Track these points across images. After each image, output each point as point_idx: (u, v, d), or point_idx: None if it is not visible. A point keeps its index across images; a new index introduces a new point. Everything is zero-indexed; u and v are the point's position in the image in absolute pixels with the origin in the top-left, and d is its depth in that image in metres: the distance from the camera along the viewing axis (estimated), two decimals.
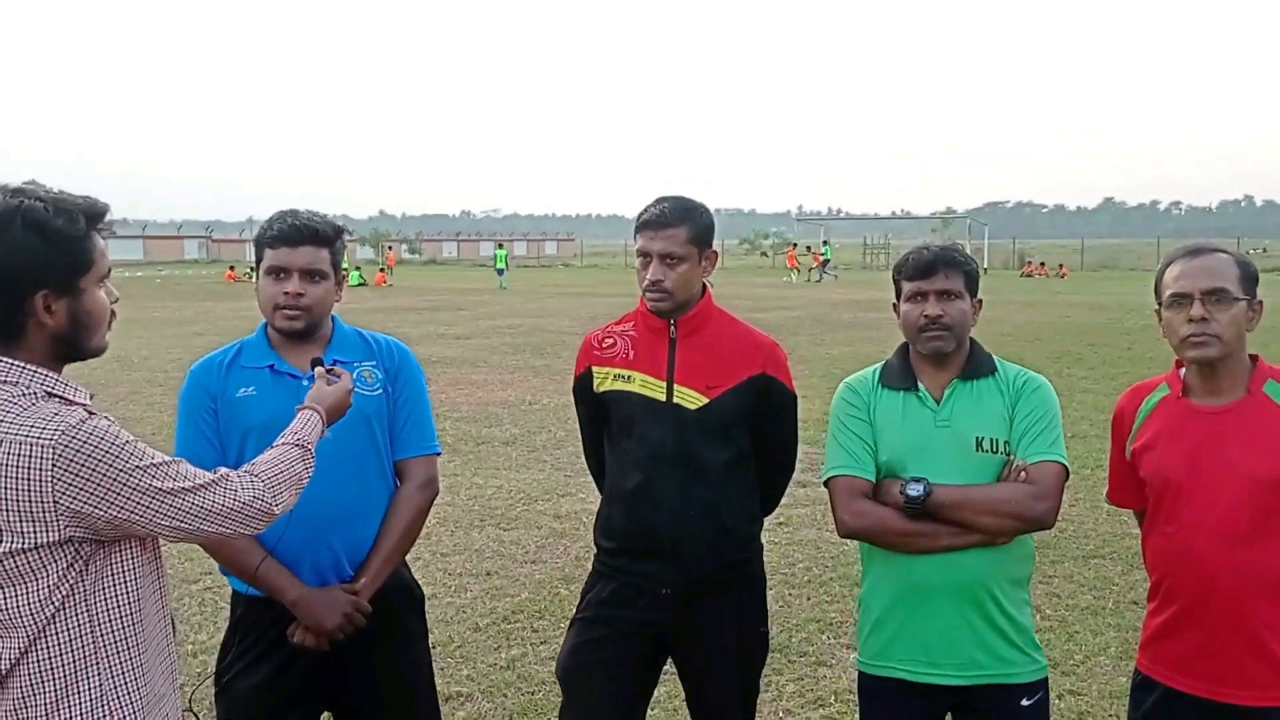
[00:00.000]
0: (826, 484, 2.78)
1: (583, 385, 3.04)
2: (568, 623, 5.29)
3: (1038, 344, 17.61)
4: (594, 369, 3.00)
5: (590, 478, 3.29)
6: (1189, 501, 2.50)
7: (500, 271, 42.31)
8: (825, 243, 52.49)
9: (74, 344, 1.96)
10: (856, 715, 4.28)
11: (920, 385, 2.73)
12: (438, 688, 3.09)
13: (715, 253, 2.98)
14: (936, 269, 2.69)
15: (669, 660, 3.05)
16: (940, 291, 2.68)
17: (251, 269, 41.86)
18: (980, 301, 2.79)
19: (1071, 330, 20.07)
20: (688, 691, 3.09)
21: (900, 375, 2.77)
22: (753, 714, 3.11)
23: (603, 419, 3.02)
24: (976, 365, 2.74)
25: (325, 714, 2.92)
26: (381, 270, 45.73)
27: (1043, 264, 52.59)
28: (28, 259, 1.85)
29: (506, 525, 7.14)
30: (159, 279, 41.72)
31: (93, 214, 1.94)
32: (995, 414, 2.67)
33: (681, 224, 2.85)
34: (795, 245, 51.21)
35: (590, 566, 3.12)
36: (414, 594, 2.97)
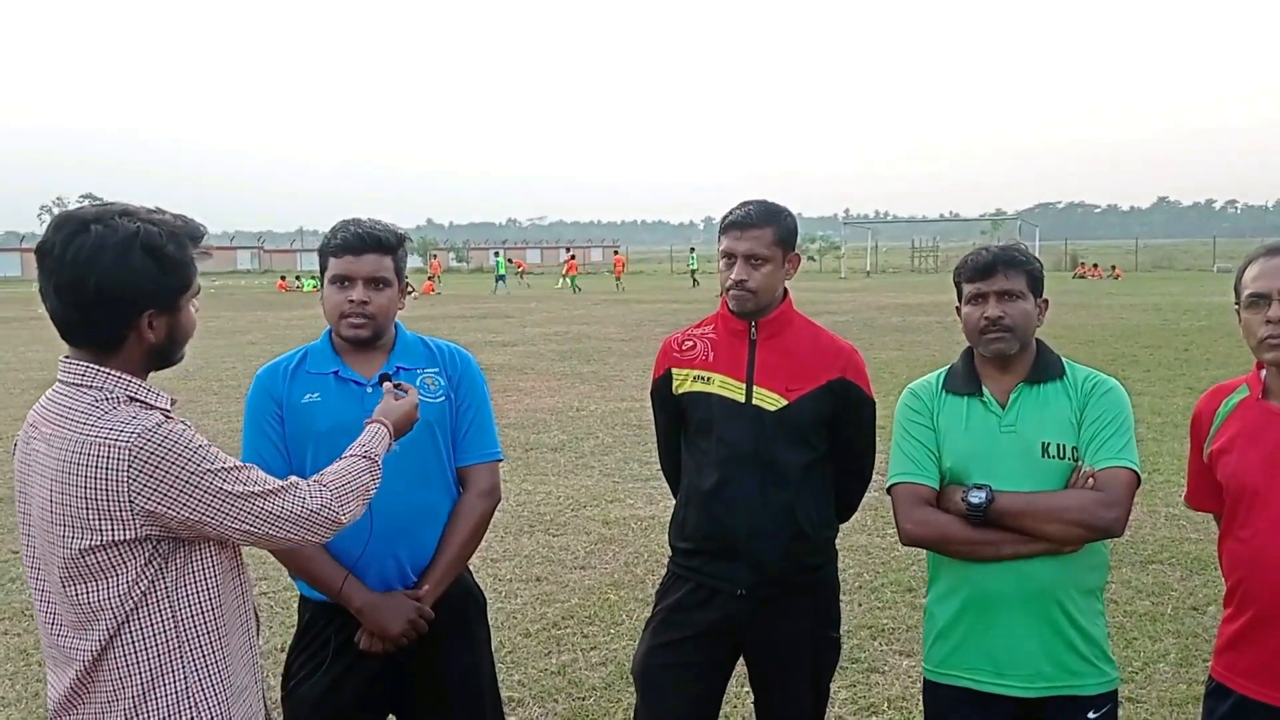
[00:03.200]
0: (889, 491, 2.74)
1: (662, 387, 3.06)
2: (618, 628, 5.30)
3: (1091, 346, 17.34)
4: (674, 371, 3.01)
5: (638, 484, 3.30)
6: (1266, 506, 2.43)
7: (500, 278, 43.14)
8: (691, 250, 52.04)
9: (165, 355, 2.06)
10: None
11: (985, 390, 2.68)
12: (500, 701, 3.09)
13: (798, 256, 2.99)
14: (995, 270, 2.65)
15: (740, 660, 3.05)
16: (1000, 292, 2.64)
17: (298, 277, 42.43)
18: (1046, 301, 2.74)
19: (1126, 332, 19.74)
20: (757, 694, 3.09)
21: (964, 380, 2.72)
22: (822, 718, 3.09)
23: (680, 422, 3.04)
24: (1043, 368, 2.68)
25: (390, 718, 2.94)
26: (430, 279, 46.14)
27: (1095, 265, 51.83)
28: (143, 283, 1.94)
29: (555, 531, 7.16)
30: (213, 289, 42.47)
31: (195, 237, 2.04)
32: (1062, 419, 2.61)
33: (768, 225, 2.87)
34: (573, 254, 50.75)
35: (639, 571, 3.12)
36: (477, 598, 2.99)
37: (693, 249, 54.04)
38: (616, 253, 52.11)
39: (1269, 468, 2.43)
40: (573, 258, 48.58)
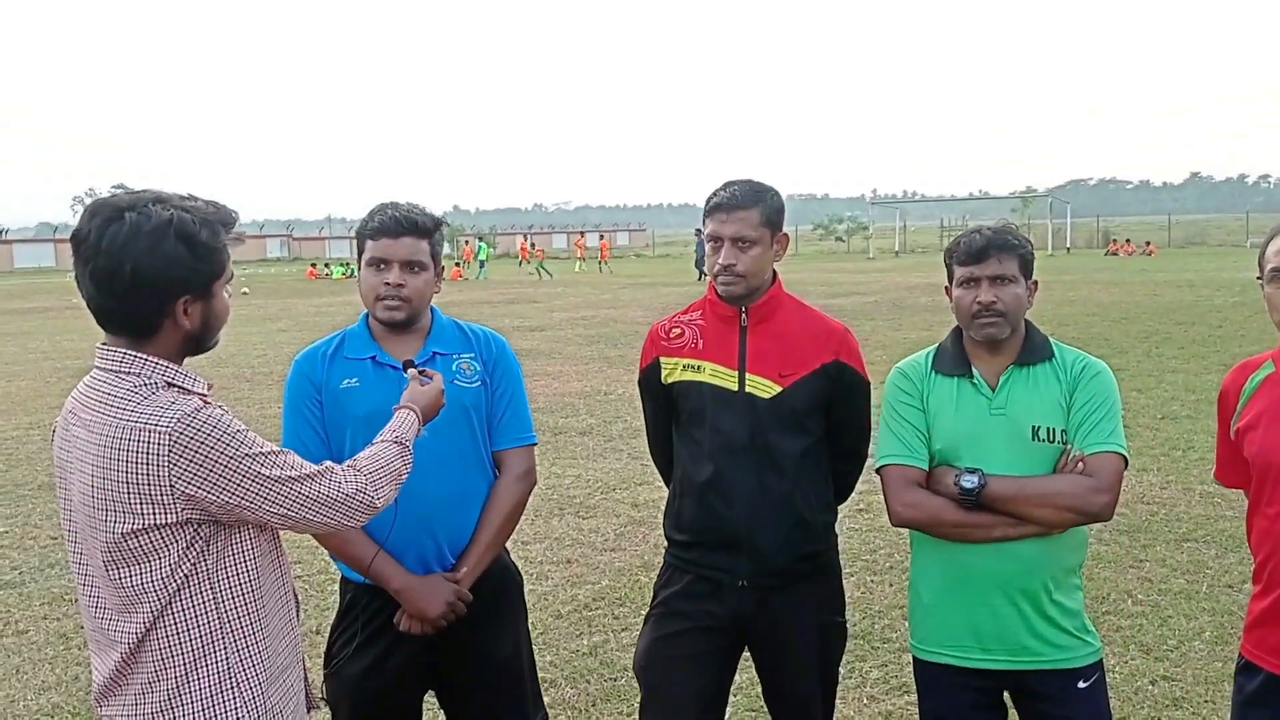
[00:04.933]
0: (878, 472, 2.74)
1: (650, 376, 3.00)
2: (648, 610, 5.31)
3: (1125, 324, 17.18)
4: (662, 360, 2.95)
5: None
6: None
7: (481, 264, 43.42)
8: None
9: (200, 341, 2.08)
10: None
11: (975, 371, 2.68)
12: (538, 680, 3.11)
13: (786, 236, 2.92)
14: (989, 253, 2.63)
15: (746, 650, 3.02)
16: (993, 277, 2.62)
17: (327, 265, 42.62)
18: (1036, 284, 2.72)
19: (1159, 309, 19.52)
20: (765, 685, 3.04)
21: (954, 361, 2.71)
22: (832, 706, 3.07)
23: (671, 411, 2.98)
24: (1033, 350, 2.68)
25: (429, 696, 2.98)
26: (458, 265, 46.27)
27: (1128, 241, 51.24)
28: (177, 270, 1.96)
29: (585, 514, 7.19)
30: (243, 277, 42.79)
31: (227, 223, 2.06)
32: (1052, 402, 2.62)
33: (754, 206, 2.80)
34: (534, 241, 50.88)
35: None
36: (514, 578, 3.01)
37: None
38: (602, 238, 52.21)
39: None
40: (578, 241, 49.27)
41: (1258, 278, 2.52)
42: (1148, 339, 14.95)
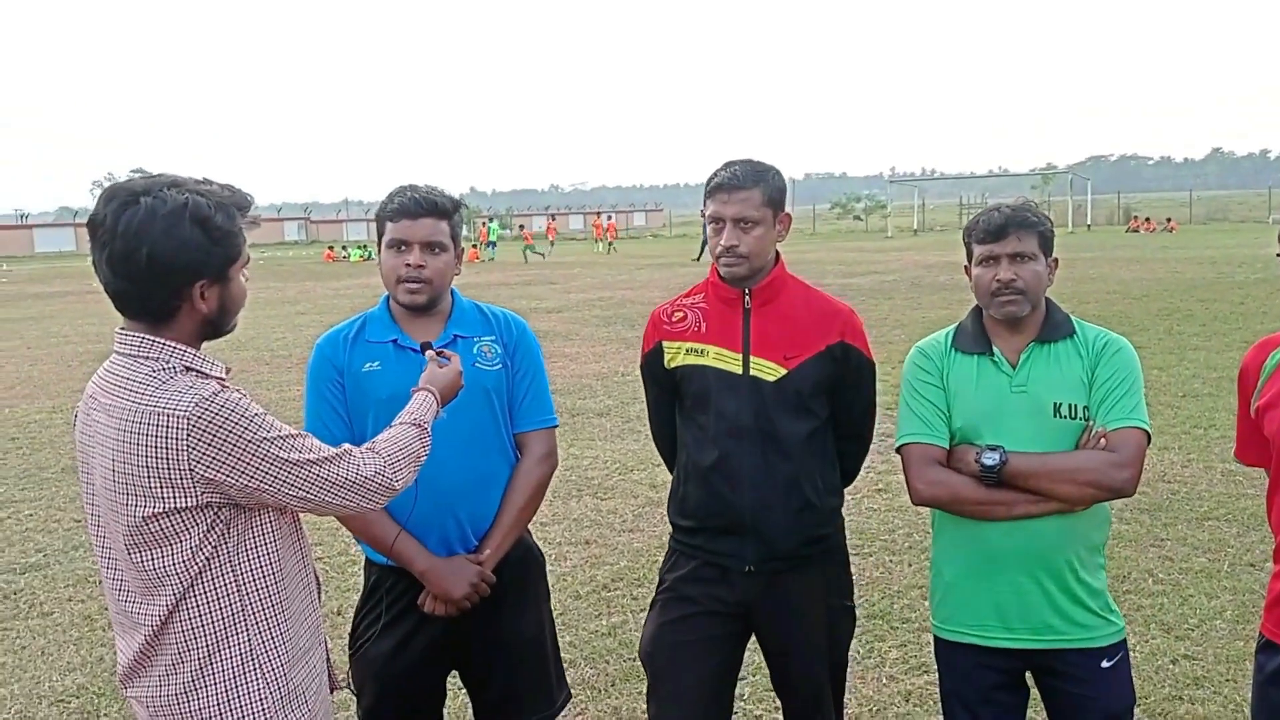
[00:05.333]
0: (899, 451, 2.73)
1: (652, 361, 2.97)
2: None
3: (1146, 301, 17.05)
4: (664, 344, 2.92)
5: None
6: None
7: (492, 245, 43.51)
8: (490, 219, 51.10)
9: (218, 325, 2.09)
10: None
11: (995, 349, 2.66)
12: (561, 660, 3.13)
13: (789, 216, 2.86)
14: (1008, 231, 2.61)
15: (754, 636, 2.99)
16: (1013, 254, 2.60)
17: (344, 247, 42.65)
18: (1056, 261, 2.70)
19: (1181, 286, 19.37)
20: (772, 671, 3.03)
21: (974, 339, 2.70)
22: (842, 691, 3.06)
23: (674, 396, 2.95)
24: (1054, 327, 2.66)
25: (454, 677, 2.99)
26: (474, 246, 46.29)
27: (1148, 219, 50.81)
28: (193, 254, 1.96)
29: (603, 495, 7.20)
30: (261, 260, 42.99)
31: (242, 206, 2.06)
32: (1074, 378, 2.60)
33: (755, 186, 2.76)
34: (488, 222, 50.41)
35: None
36: (537, 558, 3.02)
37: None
38: (610, 218, 51.86)
39: None
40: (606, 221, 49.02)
41: (1278, 254, 2.49)
42: (1169, 316, 14.84)
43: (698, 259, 34.94)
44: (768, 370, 2.79)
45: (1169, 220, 49.72)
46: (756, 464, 2.78)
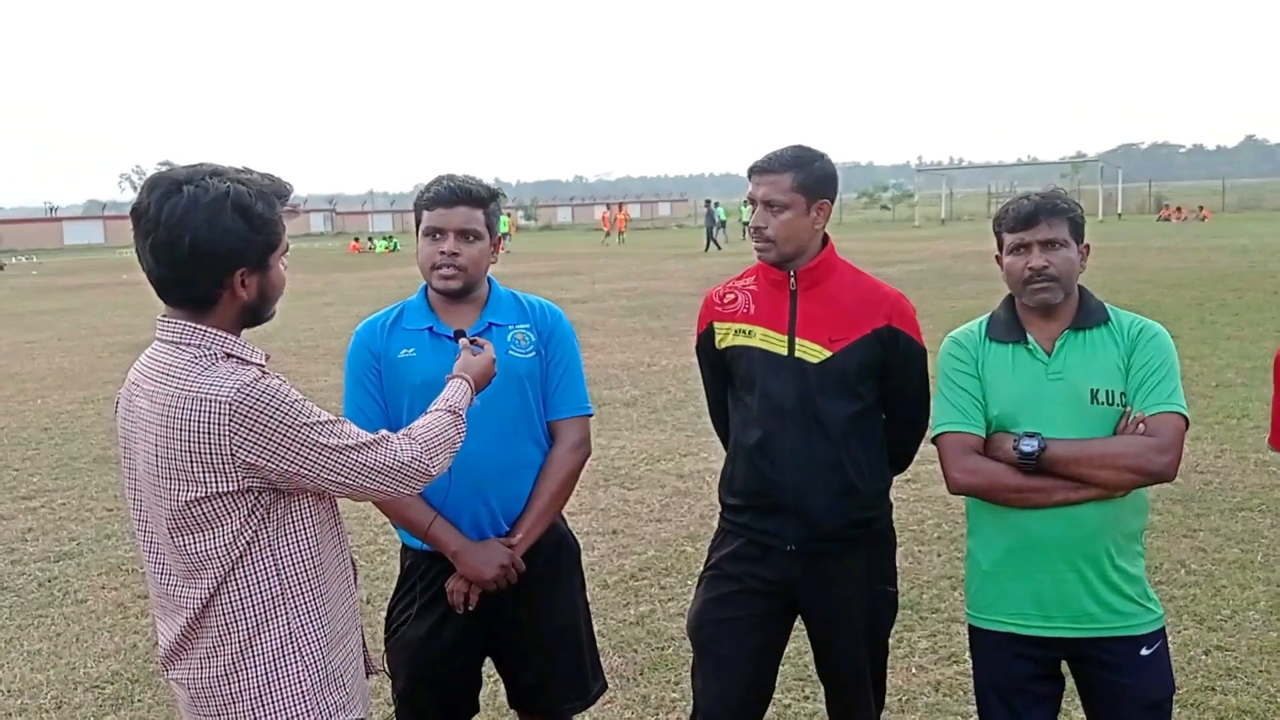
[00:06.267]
0: (935, 440, 2.72)
1: (705, 342, 3.02)
2: (694, 579, 5.33)
3: (1178, 290, 16.88)
4: (716, 325, 2.96)
5: (711, 437, 3.28)
6: None
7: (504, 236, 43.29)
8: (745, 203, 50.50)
9: (258, 313, 2.12)
10: None
11: (1029, 337, 2.65)
12: (597, 649, 3.15)
13: (829, 205, 2.86)
14: (1039, 218, 2.59)
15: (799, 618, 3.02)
16: (1044, 241, 2.59)
17: (370, 239, 42.89)
18: (1088, 247, 2.68)
19: (1214, 275, 19.15)
20: (816, 652, 3.05)
21: (1008, 328, 2.68)
22: (883, 677, 3.07)
23: (726, 376, 3.00)
24: (1088, 314, 2.64)
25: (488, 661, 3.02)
26: (504, 236, 46.38)
27: (1180, 207, 50.23)
28: (234, 242, 1.99)
29: (630, 485, 7.21)
30: (289, 252, 43.06)
31: (281, 195, 2.09)
32: (1110, 364, 2.58)
33: (787, 171, 2.78)
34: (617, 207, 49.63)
35: (714, 525, 3.12)
36: (570, 546, 3.03)
37: (746, 201, 53.44)
38: (621, 208, 51.27)
39: None
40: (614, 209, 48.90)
41: None
42: (1201, 306, 14.69)
43: (705, 251, 34.94)
44: (812, 352, 2.81)
45: (1201, 209, 49.11)
46: (799, 445, 2.80)
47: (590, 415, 2.98)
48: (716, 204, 41.73)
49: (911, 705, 4.07)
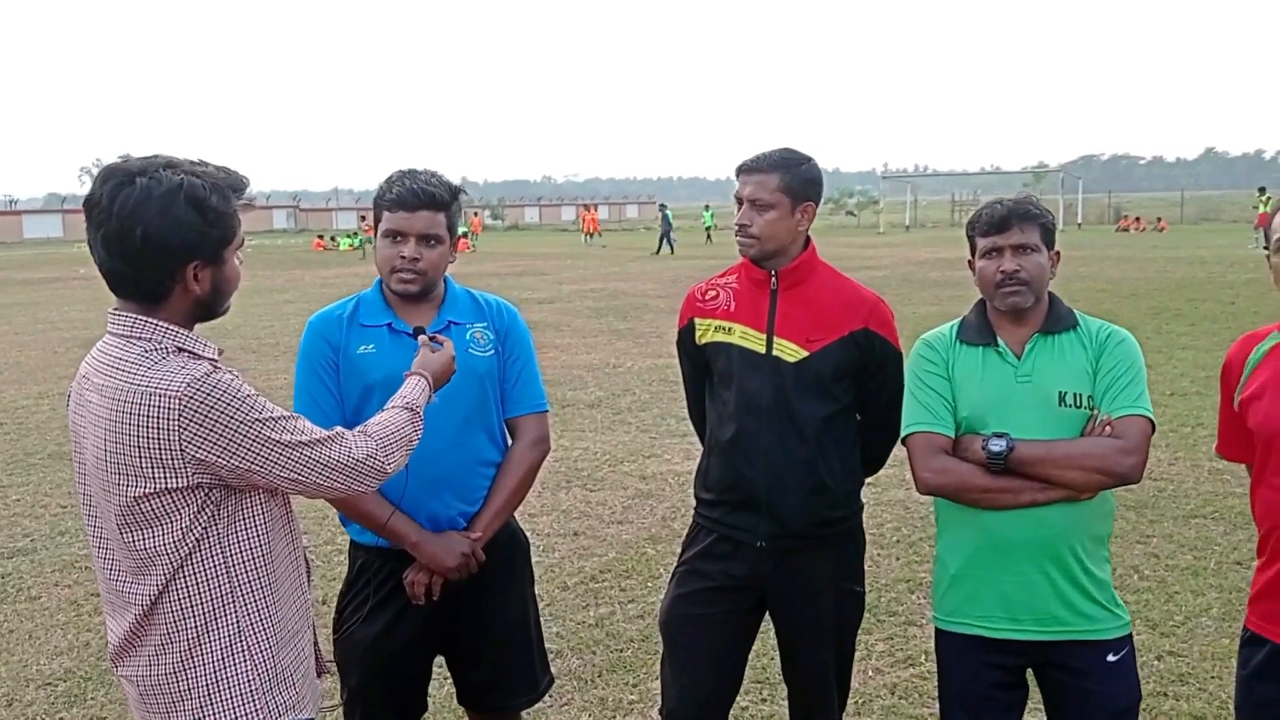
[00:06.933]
0: (904, 441, 2.74)
1: (685, 338, 3.06)
2: (655, 582, 5.34)
3: (1135, 300, 17.11)
4: (696, 321, 3.01)
5: (675, 439, 3.30)
6: None
7: (465, 235, 43.71)
8: (706, 208, 50.56)
9: (211, 307, 2.09)
10: None
11: (1000, 340, 2.68)
12: (544, 645, 3.15)
13: (813, 207, 2.91)
14: (1010, 223, 2.63)
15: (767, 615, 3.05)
16: (1016, 246, 2.62)
17: (333, 237, 42.42)
18: (1058, 254, 2.72)
19: (1170, 285, 19.44)
20: (782, 650, 3.08)
21: (979, 331, 2.71)
22: (848, 677, 3.09)
23: (705, 372, 3.03)
24: (1057, 319, 2.68)
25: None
26: (465, 236, 46.27)
27: (1138, 218, 50.93)
28: (187, 235, 1.96)
29: (593, 486, 7.20)
30: (249, 249, 42.73)
31: (237, 188, 2.06)
32: (1078, 368, 2.61)
33: (774, 171, 2.83)
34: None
35: (677, 526, 3.14)
36: (522, 543, 3.04)
37: (708, 206, 53.52)
38: (592, 210, 51.09)
39: None
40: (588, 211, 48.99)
41: (1264, 247, 2.52)
42: (1158, 315, 14.90)
43: (656, 253, 35.04)
44: (790, 351, 2.85)
45: (1159, 220, 49.83)
46: (773, 442, 2.84)
47: (547, 411, 2.99)
48: (665, 207, 42.36)
49: (868, 708, 4.09)
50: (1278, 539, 2.49)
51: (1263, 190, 38.52)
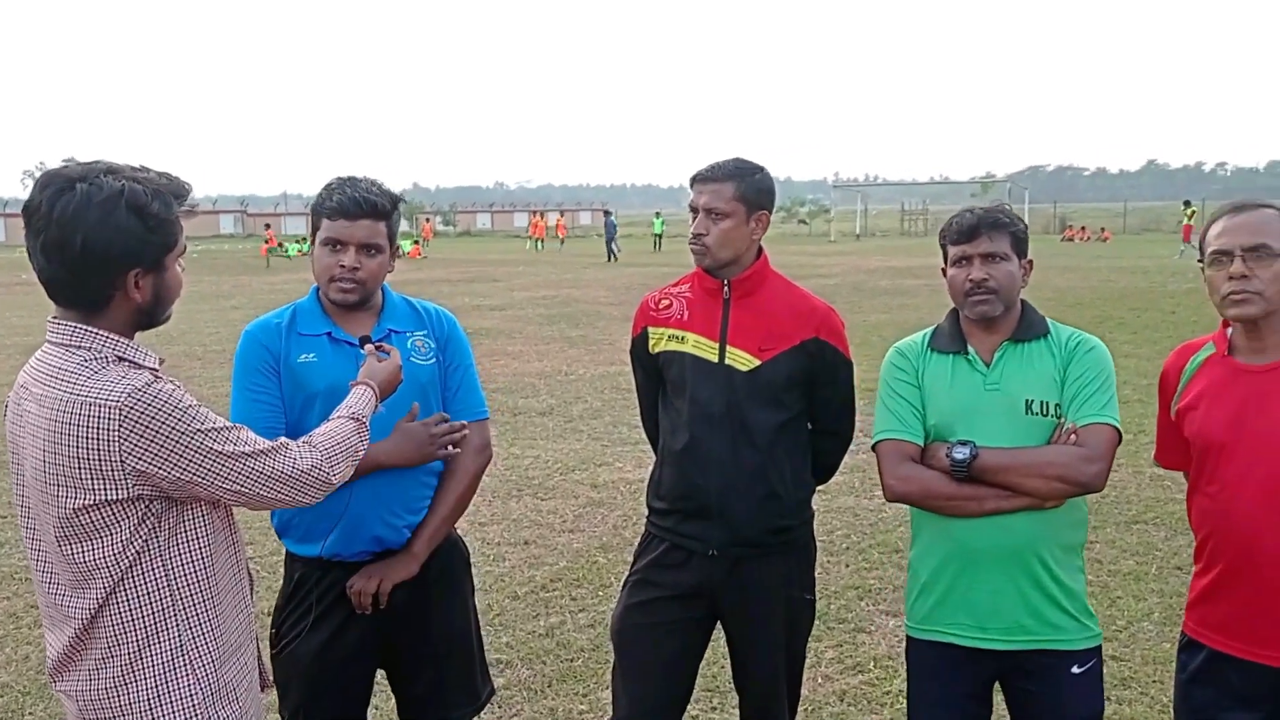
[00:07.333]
0: (874, 448, 2.76)
1: (639, 346, 3.07)
2: (606, 591, 5.33)
3: (1079, 309, 17.39)
4: (650, 330, 3.02)
5: (626, 447, 3.30)
6: (1231, 462, 2.46)
7: (417, 242, 44.51)
8: (657, 215, 51.17)
9: (152, 315, 2.06)
10: (895, 682, 4.29)
11: (970, 348, 2.70)
12: (485, 655, 3.12)
13: (767, 216, 2.94)
14: (979, 232, 2.64)
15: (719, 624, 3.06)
16: (985, 254, 2.64)
17: (281, 244, 41.69)
18: (1030, 262, 2.74)
19: (1113, 295, 19.80)
20: (734, 658, 3.08)
21: (950, 339, 2.73)
22: (798, 685, 3.10)
23: (658, 380, 3.04)
24: (1028, 327, 2.69)
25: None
26: (416, 242, 45.95)
27: (1083, 228, 51.85)
28: (128, 242, 1.93)
29: (544, 495, 7.18)
30: (195, 254, 42.12)
31: (179, 195, 2.03)
32: (1046, 376, 2.63)
33: (729, 180, 2.85)
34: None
35: (628, 534, 3.13)
36: (462, 552, 3.02)
37: (658, 214, 53.73)
38: (540, 216, 51.03)
39: (1234, 424, 2.46)
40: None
41: (1199, 261, 2.57)
42: (1101, 324, 15.14)
43: (609, 261, 35.13)
44: (742, 360, 2.86)
45: (1103, 230, 50.77)
46: (725, 450, 2.85)
47: (488, 418, 2.98)
48: (610, 213, 42.73)
49: (817, 715, 4.11)
50: (1213, 546, 2.54)
51: (1188, 204, 39.68)
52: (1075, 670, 2.63)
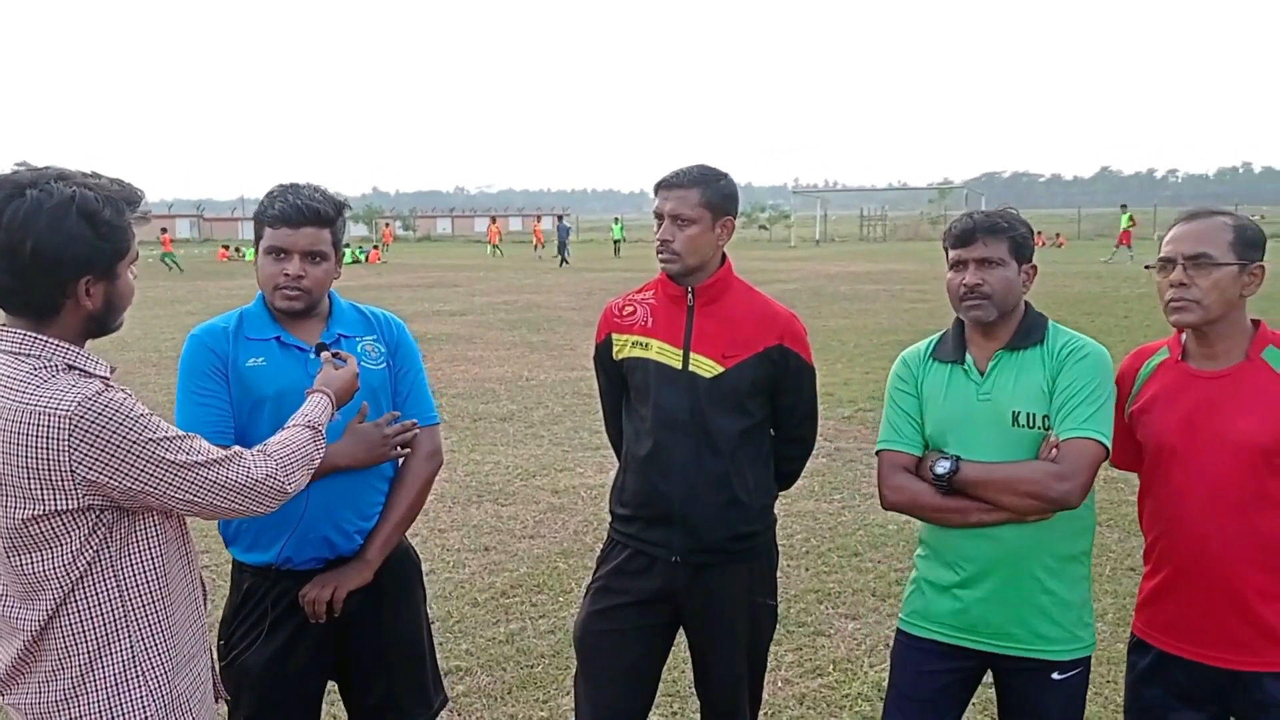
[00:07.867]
0: (877, 455, 2.79)
1: (603, 353, 3.07)
2: (567, 597, 5.31)
3: None
4: (614, 336, 3.02)
5: (586, 452, 3.29)
6: (1182, 465, 2.51)
7: (377, 246, 44.58)
8: (616, 220, 51.42)
9: (103, 323, 2.04)
10: (854, 685, 4.33)
11: (968, 358, 2.69)
12: (437, 662, 3.11)
13: (732, 221, 2.95)
14: (975, 237, 2.63)
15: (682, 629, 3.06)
16: (979, 260, 2.62)
17: (238, 249, 40.95)
18: (1034, 267, 2.70)
19: (1068, 299, 20.04)
20: (695, 664, 3.09)
21: (951, 347, 2.74)
22: (760, 689, 3.12)
23: (622, 387, 3.05)
24: (1024, 335, 2.65)
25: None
26: (376, 247, 45.65)
27: (1039, 233, 52.47)
28: (79, 249, 1.91)
29: (504, 501, 7.14)
30: (151, 259, 41.52)
31: (131, 201, 2.01)
32: (1035, 387, 2.59)
33: (694, 186, 2.86)
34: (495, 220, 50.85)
35: (589, 540, 3.13)
36: (414, 560, 3.01)
37: (617, 219, 53.79)
38: (494, 221, 50.90)
39: (1185, 428, 2.50)
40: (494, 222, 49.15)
41: (1146, 266, 2.62)
42: None
43: (560, 266, 35.12)
44: (706, 367, 2.87)
45: (1058, 235, 51.50)
46: (688, 457, 2.86)
47: (439, 424, 2.97)
48: (563, 218, 42.98)
49: (777, 718, 4.12)
50: (1162, 548, 2.59)
51: (1125, 207, 40.48)
52: (1055, 676, 2.64)
